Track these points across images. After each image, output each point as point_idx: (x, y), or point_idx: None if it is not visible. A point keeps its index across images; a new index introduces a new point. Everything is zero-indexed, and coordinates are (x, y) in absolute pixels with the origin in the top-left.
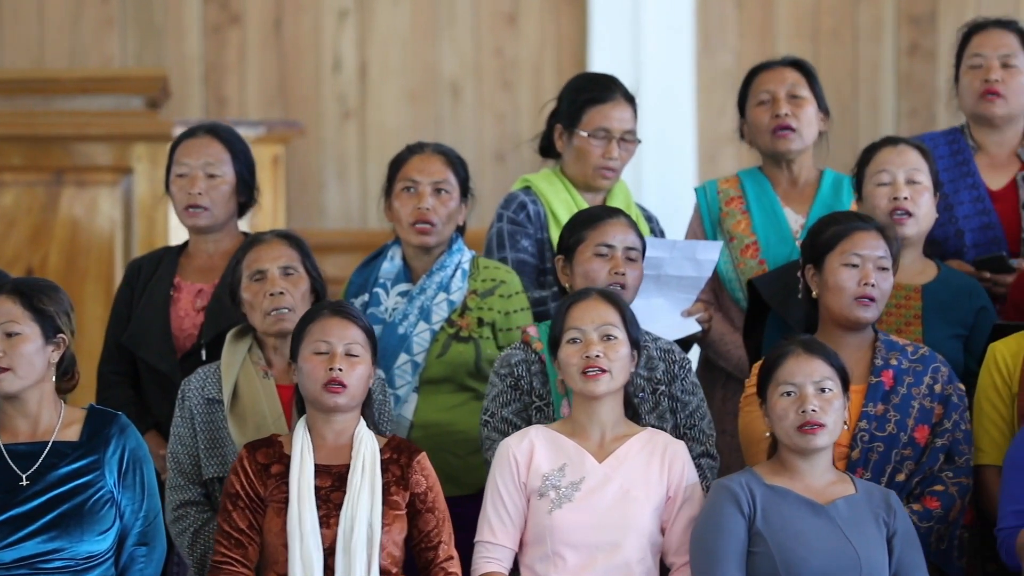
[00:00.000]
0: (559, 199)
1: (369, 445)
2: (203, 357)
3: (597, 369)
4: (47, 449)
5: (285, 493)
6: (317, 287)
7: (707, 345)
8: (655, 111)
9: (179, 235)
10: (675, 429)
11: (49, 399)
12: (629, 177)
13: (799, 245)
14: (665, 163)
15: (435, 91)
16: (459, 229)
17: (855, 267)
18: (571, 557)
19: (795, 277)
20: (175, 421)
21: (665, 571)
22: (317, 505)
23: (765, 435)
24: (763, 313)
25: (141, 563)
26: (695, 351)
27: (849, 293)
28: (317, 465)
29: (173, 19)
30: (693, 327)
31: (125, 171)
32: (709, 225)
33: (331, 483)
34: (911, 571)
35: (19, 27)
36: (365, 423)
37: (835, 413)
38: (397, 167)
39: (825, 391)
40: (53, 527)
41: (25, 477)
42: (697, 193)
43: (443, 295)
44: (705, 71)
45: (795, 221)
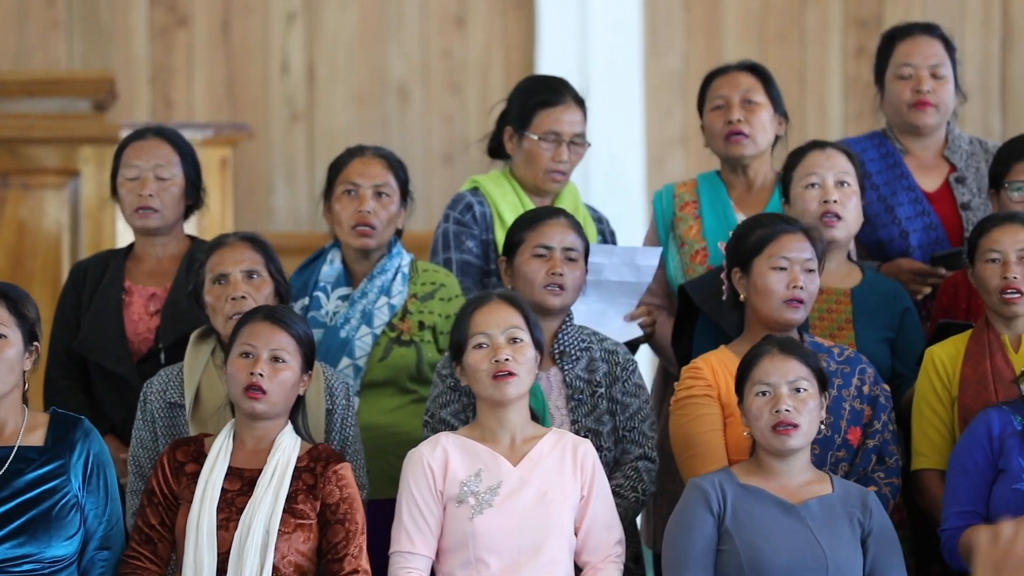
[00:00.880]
0: (506, 201)
1: (286, 452)
2: (162, 360)
3: (507, 372)
4: (12, 454)
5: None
6: (281, 291)
7: (657, 350)
8: (603, 113)
9: (127, 238)
10: (614, 431)
11: (16, 405)
12: (577, 179)
13: (723, 247)
14: (613, 165)
15: (383, 93)
16: (397, 233)
17: (783, 270)
18: (494, 562)
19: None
20: (136, 424)
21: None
22: (221, 508)
23: (744, 435)
24: (693, 317)
25: (102, 567)
26: (652, 357)
27: (778, 296)
28: (232, 468)
29: (120, 21)
30: (635, 332)
31: (72, 174)
32: (663, 230)
33: (240, 487)
34: (886, 571)
35: None
36: (292, 428)
37: (810, 413)
38: (337, 170)
39: (800, 391)
40: (21, 532)
41: None
42: (655, 198)
43: (384, 299)
44: (653, 73)
45: None
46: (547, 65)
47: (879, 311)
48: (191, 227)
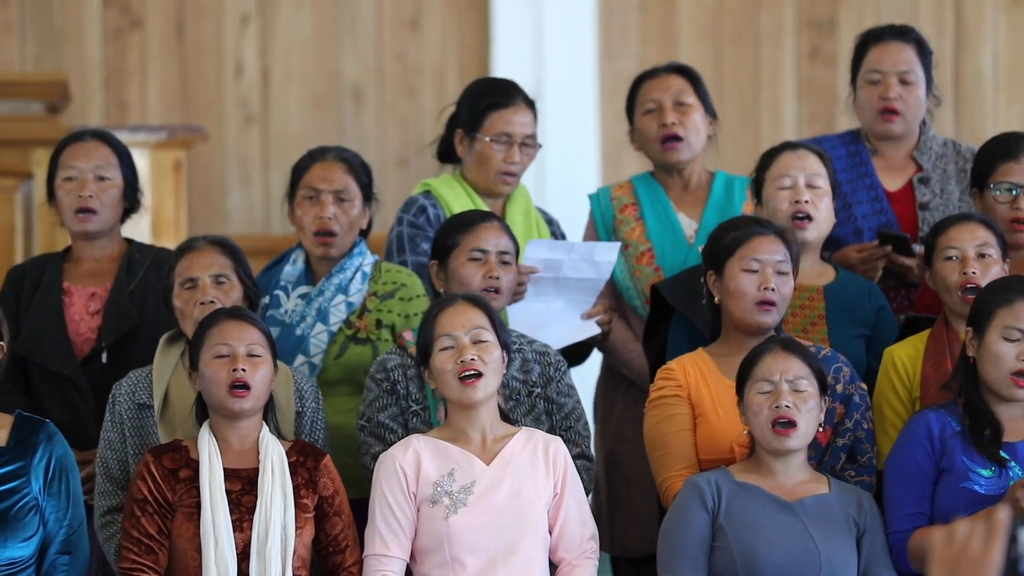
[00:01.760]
0: (459, 203)
1: (275, 448)
2: (104, 360)
3: (474, 373)
4: None
5: (195, 498)
6: (251, 295)
7: (609, 352)
8: (558, 116)
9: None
10: (551, 431)
11: None
12: (532, 181)
13: (700, 251)
14: (568, 167)
15: (338, 96)
16: (362, 233)
17: (755, 272)
18: (471, 562)
19: (699, 280)
20: (105, 426)
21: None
22: (229, 509)
23: (743, 433)
24: (665, 317)
25: (63, 571)
26: (595, 359)
27: (750, 298)
28: (225, 469)
29: (73, 23)
30: (593, 329)
31: (25, 176)
32: (604, 232)
33: (241, 487)
34: (880, 571)
35: None
36: (268, 427)
37: (809, 412)
38: (299, 174)
39: (800, 390)
40: None
41: None
42: (591, 200)
43: (341, 297)
44: (608, 76)
45: (689, 226)
46: (502, 68)
47: (853, 308)
48: (144, 229)
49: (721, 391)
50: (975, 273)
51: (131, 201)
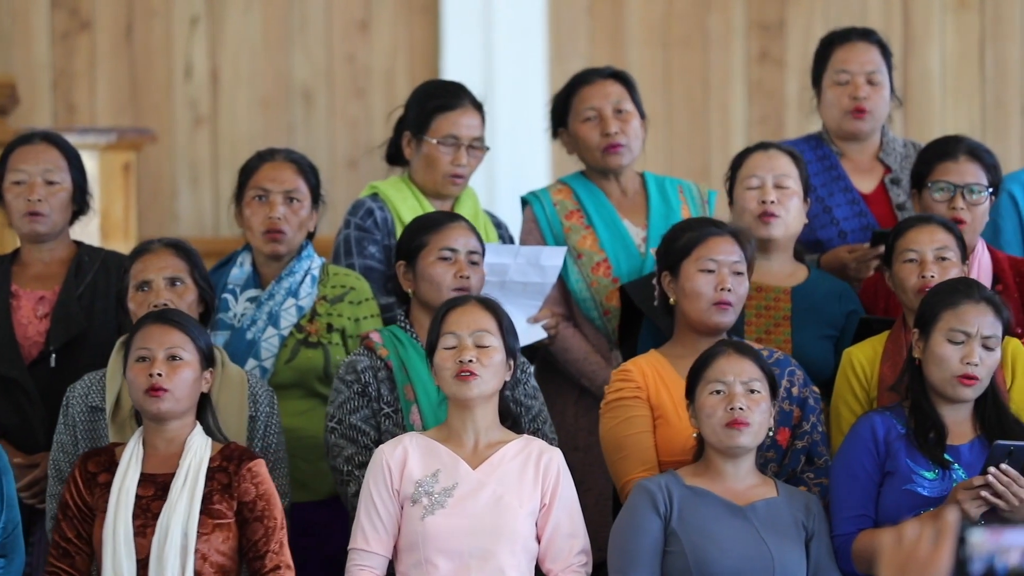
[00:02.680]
0: (407, 206)
1: (198, 453)
2: (52, 363)
3: (469, 372)
4: None
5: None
6: (206, 297)
7: (569, 364)
8: (507, 118)
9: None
10: None
11: None
12: (481, 183)
13: (653, 252)
14: (517, 170)
15: (287, 98)
16: (309, 235)
17: (711, 272)
18: (444, 564)
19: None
20: (58, 429)
21: None
22: (137, 515)
23: (692, 435)
24: (638, 318)
25: None
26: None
27: (706, 299)
28: (144, 474)
29: (21, 25)
30: (540, 334)
31: None
32: (551, 238)
33: (154, 492)
34: (828, 573)
35: None
36: (201, 429)
37: (761, 415)
38: (248, 174)
39: (753, 392)
40: None
41: None
42: (531, 203)
43: (292, 300)
44: (557, 78)
45: (637, 235)
46: (452, 70)
47: (821, 309)
48: (93, 231)
49: (680, 392)
50: (933, 277)
51: (80, 204)
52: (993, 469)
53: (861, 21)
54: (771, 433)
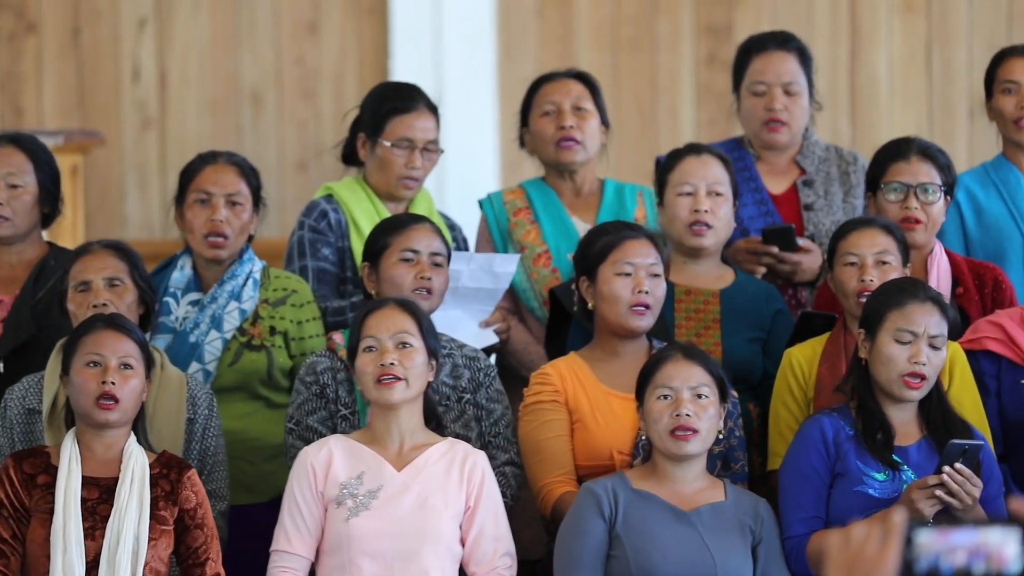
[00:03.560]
0: (361, 208)
1: (139, 459)
2: (0, 369)
3: (392, 377)
4: None
5: (51, 504)
6: (145, 298)
7: (510, 354)
8: (457, 120)
9: None
10: (480, 437)
11: None
12: (431, 186)
13: (570, 257)
14: (467, 172)
15: (236, 100)
16: (249, 238)
17: (628, 276)
18: (368, 566)
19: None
20: None
21: None
22: (84, 516)
23: (643, 438)
24: (566, 320)
25: None
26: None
27: (624, 302)
28: (85, 477)
29: None
30: (491, 338)
31: None
32: (498, 236)
33: (99, 495)
34: None
35: None
36: (136, 437)
37: (709, 420)
38: (189, 177)
39: (701, 397)
40: None
41: None
42: (483, 205)
43: (234, 304)
44: (507, 80)
45: (583, 229)
46: (401, 72)
47: (748, 311)
48: (41, 234)
49: (599, 397)
50: (872, 280)
51: (50, 206)
52: (948, 468)
53: (808, 24)
54: (721, 436)
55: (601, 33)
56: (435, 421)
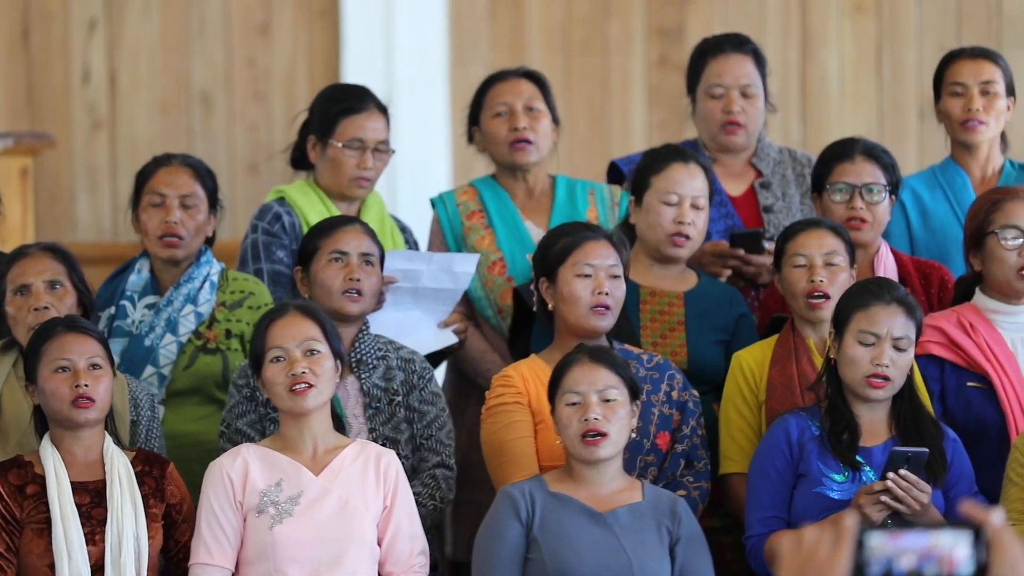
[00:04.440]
0: (314, 210)
1: (121, 459)
2: None
3: (304, 384)
4: None
5: (44, 513)
6: (84, 301)
7: (465, 362)
8: (409, 122)
9: None
10: (412, 439)
11: None
12: (383, 188)
13: (530, 258)
14: (419, 174)
15: (187, 102)
16: (208, 241)
17: (588, 277)
18: (294, 572)
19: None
20: None
21: None
22: (81, 522)
23: (556, 442)
24: (529, 320)
25: None
26: (442, 368)
27: (584, 303)
28: (73, 483)
29: None
30: (450, 339)
31: None
32: (452, 239)
33: (90, 500)
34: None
35: None
36: (110, 437)
37: (620, 422)
38: (144, 179)
39: (610, 400)
40: None
41: None
42: (435, 205)
43: (190, 307)
44: (458, 82)
45: (537, 235)
46: (353, 74)
47: (712, 314)
48: None
49: None
50: (822, 281)
51: None
52: (892, 475)
53: (759, 25)
54: (633, 435)
55: (552, 35)
56: (336, 421)
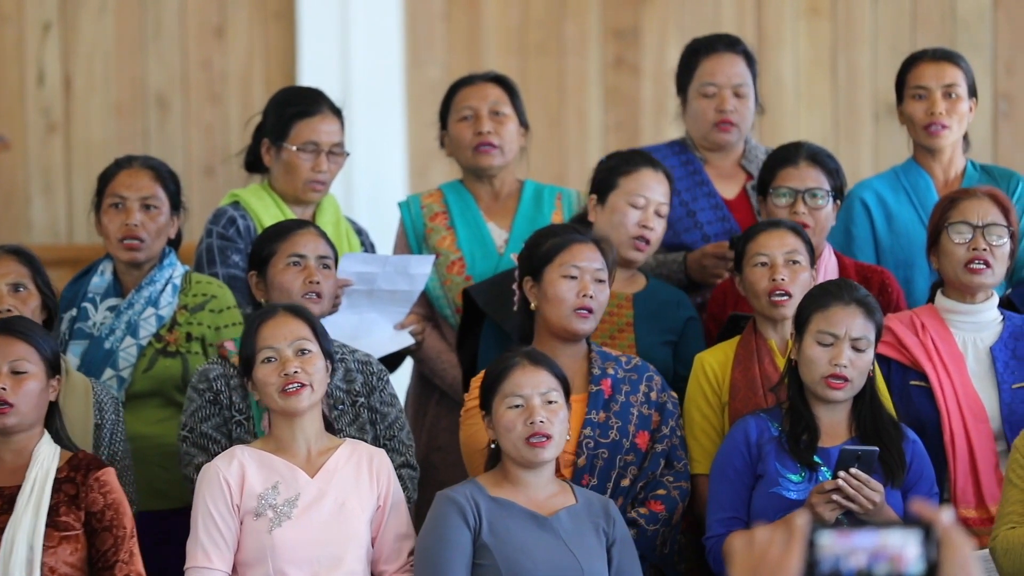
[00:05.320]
0: (269, 214)
1: (45, 463)
2: None
3: (297, 384)
4: None
5: None
6: (49, 304)
7: (422, 361)
8: (365, 125)
9: None
10: (375, 440)
11: None
12: (340, 191)
13: (515, 257)
14: (375, 176)
15: (142, 104)
16: (173, 243)
17: (574, 279)
18: (294, 574)
19: (511, 288)
20: None
21: None
22: None
23: (489, 446)
24: (477, 323)
25: None
26: (407, 366)
27: (568, 305)
28: None
29: None
30: (406, 340)
31: None
32: (414, 241)
33: (1, 505)
34: None
35: None
36: (50, 437)
37: (561, 424)
38: (105, 182)
39: (552, 402)
40: None
41: None
42: (401, 208)
43: (152, 310)
44: (414, 84)
45: (499, 236)
46: (308, 76)
47: (660, 315)
48: None
49: None
50: (784, 280)
51: None
52: (843, 474)
53: (714, 28)
54: (567, 438)
55: (509, 37)
56: (326, 422)
